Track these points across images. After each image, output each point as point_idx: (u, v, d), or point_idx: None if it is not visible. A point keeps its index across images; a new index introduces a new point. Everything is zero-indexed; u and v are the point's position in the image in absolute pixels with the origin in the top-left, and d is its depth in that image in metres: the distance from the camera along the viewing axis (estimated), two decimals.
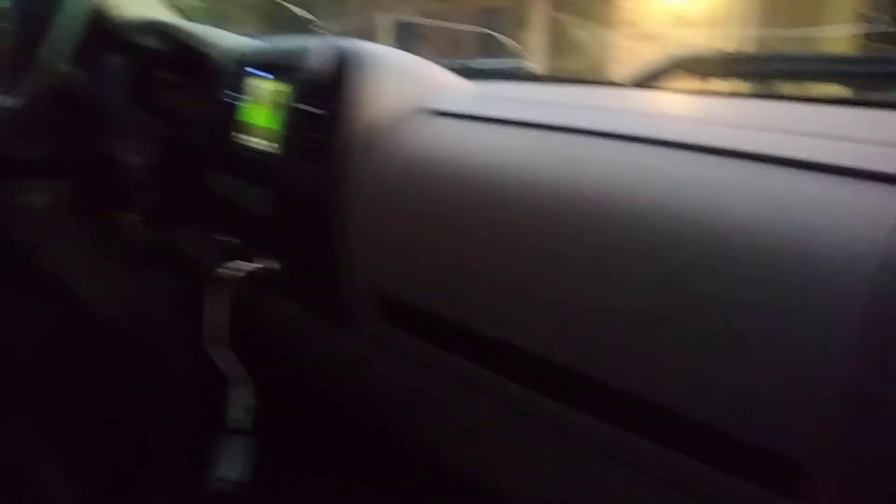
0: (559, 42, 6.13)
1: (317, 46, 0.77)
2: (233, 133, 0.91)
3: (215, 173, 0.94)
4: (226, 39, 1.02)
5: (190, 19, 1.42)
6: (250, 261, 0.89)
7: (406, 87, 0.75)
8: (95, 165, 1.12)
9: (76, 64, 1.06)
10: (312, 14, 1.64)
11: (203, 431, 1.35)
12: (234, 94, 0.92)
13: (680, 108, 0.86)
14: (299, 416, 1.08)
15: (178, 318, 1.43)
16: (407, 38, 7.21)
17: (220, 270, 0.83)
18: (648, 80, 1.06)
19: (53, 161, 1.09)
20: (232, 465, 1.28)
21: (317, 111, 0.75)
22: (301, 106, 0.77)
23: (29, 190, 1.43)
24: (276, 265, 0.85)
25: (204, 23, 1.41)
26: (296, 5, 1.64)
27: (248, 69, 0.90)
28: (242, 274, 0.87)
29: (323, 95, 0.74)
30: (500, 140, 0.66)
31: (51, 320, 1.32)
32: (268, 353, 0.96)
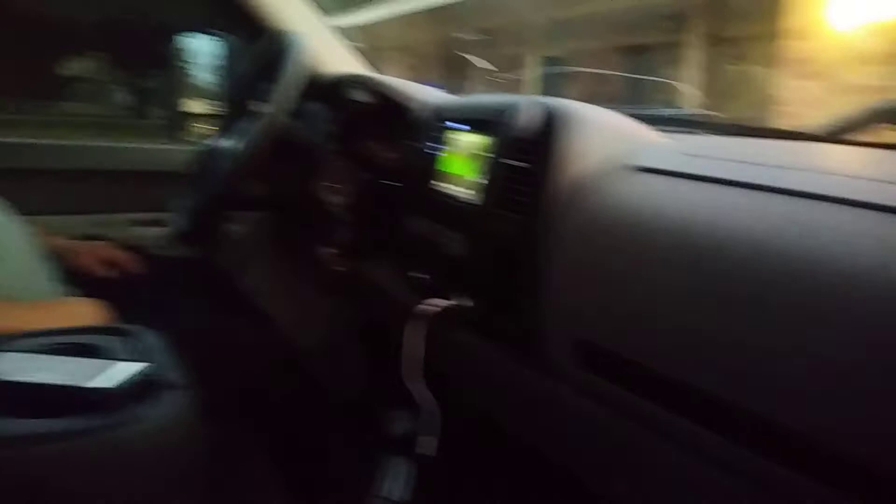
0: (717, 82, 5.93)
1: (521, 103, 0.83)
2: (431, 180, 0.99)
3: (413, 216, 1.02)
4: (425, 93, 1.11)
5: (381, 72, 1.56)
6: (443, 298, 0.96)
7: (609, 143, 0.79)
8: (301, 202, 1.25)
9: (291, 113, 1.19)
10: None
11: (371, 451, 1.44)
12: (433, 144, 1.00)
13: (886, 167, 0.83)
14: (475, 447, 1.13)
15: (360, 344, 1.54)
16: (556, 81, 7.28)
17: (418, 306, 0.90)
18: (846, 132, 1.02)
19: (267, 197, 1.23)
20: (397, 485, 1.35)
21: (521, 165, 0.80)
22: (505, 159, 0.83)
23: (234, 220, 1.61)
24: (469, 303, 0.91)
25: (391, 73, 1.54)
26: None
27: (448, 122, 0.98)
28: (437, 310, 0.94)
29: (528, 150, 0.80)
30: (702, 197, 0.68)
31: (246, 338, 1.46)
32: (452, 384, 1.02)
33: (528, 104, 0.81)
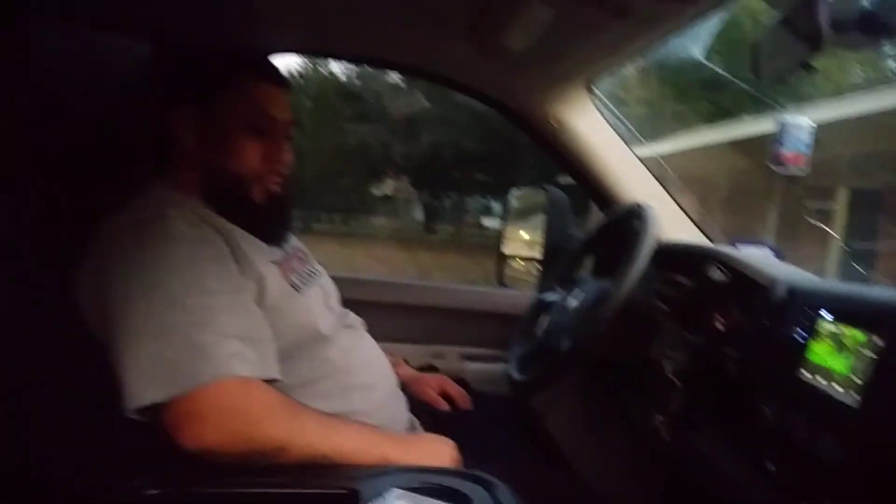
0: None
1: None
2: (792, 367, 0.94)
3: (766, 401, 0.97)
4: (781, 271, 1.09)
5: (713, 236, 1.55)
6: (799, 496, 0.88)
7: None
8: (631, 364, 1.27)
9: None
10: None
11: None
12: (796, 329, 0.96)
13: None
14: None
15: None
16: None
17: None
18: None
19: (600, 356, 1.27)
20: None
21: None
22: None
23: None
24: None
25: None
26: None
27: (817, 309, 0.94)
28: None
29: None
30: None
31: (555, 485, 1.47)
32: None
33: None
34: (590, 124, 1.53)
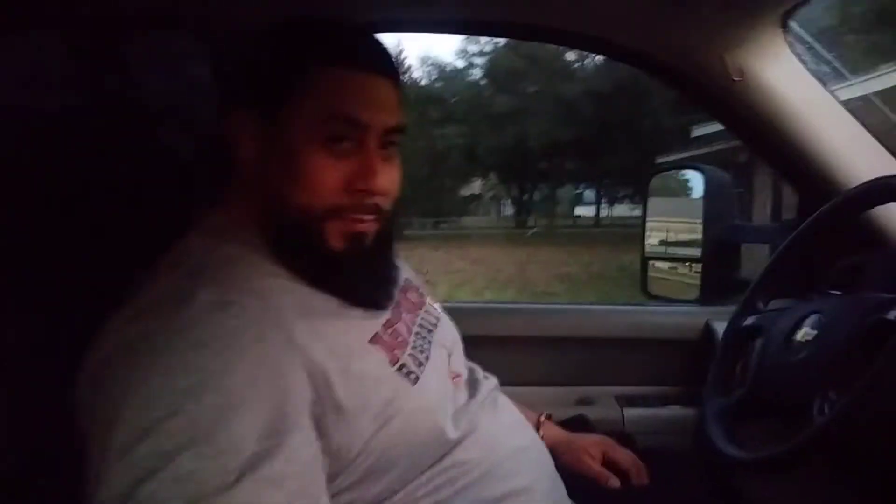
0: None
1: None
2: None
3: None
4: None
5: None
6: None
7: None
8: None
9: None
10: None
11: None
12: None
13: None
14: None
15: None
16: None
17: None
18: None
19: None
20: None
21: None
22: None
23: None
24: None
25: None
26: None
27: None
28: None
29: None
30: None
31: None
32: None
33: None
34: (786, 73, 1.08)
